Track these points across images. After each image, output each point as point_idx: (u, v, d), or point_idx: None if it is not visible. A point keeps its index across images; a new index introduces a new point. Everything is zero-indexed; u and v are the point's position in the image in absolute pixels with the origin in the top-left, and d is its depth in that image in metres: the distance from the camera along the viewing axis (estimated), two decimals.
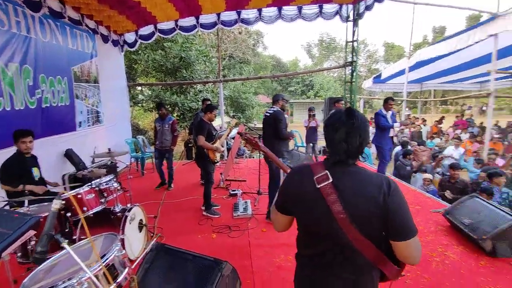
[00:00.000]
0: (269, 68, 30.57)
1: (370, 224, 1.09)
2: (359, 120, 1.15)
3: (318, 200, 1.12)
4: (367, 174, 1.15)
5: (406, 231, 1.07)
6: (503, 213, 2.99)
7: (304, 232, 1.27)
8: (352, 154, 1.15)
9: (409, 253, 1.09)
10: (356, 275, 1.17)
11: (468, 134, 10.52)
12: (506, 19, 5.94)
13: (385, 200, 1.06)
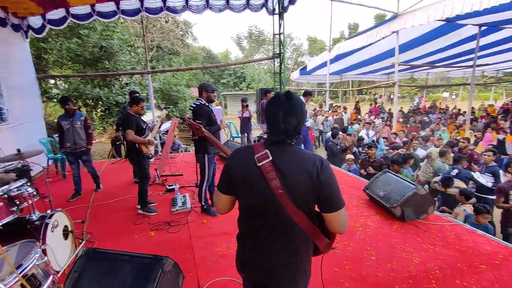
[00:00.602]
0: (200, 60, 29.91)
1: (305, 198, 1.19)
2: (296, 102, 1.25)
3: (258, 177, 1.20)
4: (302, 153, 1.25)
5: (336, 203, 1.19)
6: (407, 183, 3.56)
7: (246, 210, 1.34)
8: (290, 134, 1.24)
9: (338, 223, 1.21)
10: (294, 249, 1.27)
11: (380, 119, 12.06)
12: (404, 18, 6.91)
13: (318, 176, 1.17)
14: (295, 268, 1.28)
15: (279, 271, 1.28)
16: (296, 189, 1.18)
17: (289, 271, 1.28)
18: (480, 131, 9.16)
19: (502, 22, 7.62)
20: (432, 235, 3.11)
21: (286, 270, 1.28)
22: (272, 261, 1.28)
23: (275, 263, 1.28)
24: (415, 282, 2.39)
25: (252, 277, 1.38)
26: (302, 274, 1.31)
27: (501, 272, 2.49)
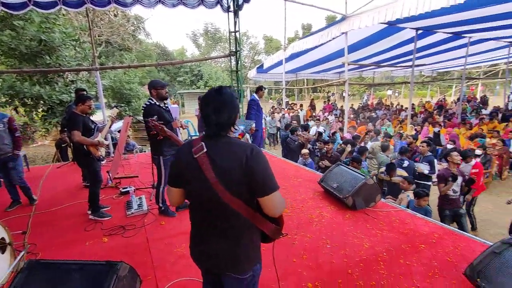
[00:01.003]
0: (154, 57, 28.71)
1: (239, 186, 1.26)
2: (226, 97, 1.33)
3: (196, 169, 1.28)
4: (237, 143, 1.33)
5: (268, 187, 1.26)
6: (357, 174, 3.82)
7: (191, 202, 1.42)
8: (222, 127, 1.32)
9: (272, 206, 1.28)
10: (236, 236, 1.34)
11: (333, 116, 12.70)
12: (352, 20, 7.35)
13: (248, 162, 1.24)
14: (238, 255, 1.35)
15: (221, 258, 1.35)
16: (229, 178, 1.25)
17: (232, 258, 1.35)
18: (419, 125, 10.13)
19: (435, 27, 8.49)
20: (380, 221, 3.38)
21: (228, 256, 1.35)
22: (214, 248, 1.35)
23: (217, 249, 1.35)
24: (365, 265, 2.58)
25: (202, 265, 1.47)
26: (246, 261, 1.37)
27: (437, 249, 2.80)
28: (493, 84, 27.63)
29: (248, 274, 1.38)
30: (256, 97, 5.62)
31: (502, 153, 7.10)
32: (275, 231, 1.37)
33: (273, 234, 1.38)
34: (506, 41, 11.30)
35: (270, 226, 1.35)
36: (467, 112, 13.44)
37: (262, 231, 1.38)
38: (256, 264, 1.43)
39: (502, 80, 17.36)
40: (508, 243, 2.19)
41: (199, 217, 1.41)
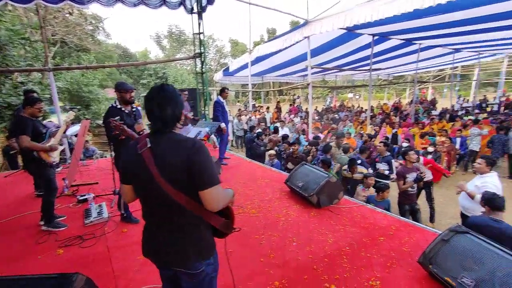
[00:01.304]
0: (115, 59, 27.43)
1: (182, 179, 1.29)
2: (168, 93, 1.37)
3: (141, 164, 1.30)
4: (180, 139, 1.35)
5: (207, 181, 1.28)
6: (321, 173, 3.95)
7: (139, 198, 1.44)
8: (167, 122, 1.35)
9: (211, 199, 1.30)
10: (182, 230, 1.36)
11: (298, 118, 13.02)
12: (313, 24, 7.61)
13: (190, 156, 1.28)
14: (186, 249, 1.36)
15: (170, 253, 1.37)
16: (172, 172, 1.28)
17: (180, 253, 1.36)
18: (378, 125, 10.73)
19: (389, 33, 9.07)
20: (343, 217, 3.52)
21: (177, 251, 1.36)
22: (162, 243, 1.37)
23: (165, 244, 1.37)
24: (330, 260, 2.67)
25: (154, 262, 1.47)
26: (195, 256, 1.37)
27: (394, 241, 2.98)
28: (441, 88, 30.13)
29: (199, 269, 1.39)
30: (220, 98, 5.59)
31: (450, 150, 7.75)
32: (225, 225, 1.41)
33: (223, 228, 1.41)
34: (450, 48, 12.39)
35: (218, 220, 1.39)
36: (420, 113, 14.49)
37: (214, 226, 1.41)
38: (208, 259, 1.43)
39: (449, 84, 19.01)
40: (454, 231, 2.40)
41: (148, 213, 1.42)
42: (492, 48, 12.92)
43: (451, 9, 6.33)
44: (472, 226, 2.85)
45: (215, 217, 1.38)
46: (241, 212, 3.68)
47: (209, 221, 1.38)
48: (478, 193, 3.37)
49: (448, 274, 2.18)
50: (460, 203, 3.93)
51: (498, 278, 1.95)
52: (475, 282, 2.02)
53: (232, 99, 37.78)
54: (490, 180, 3.55)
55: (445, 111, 14.01)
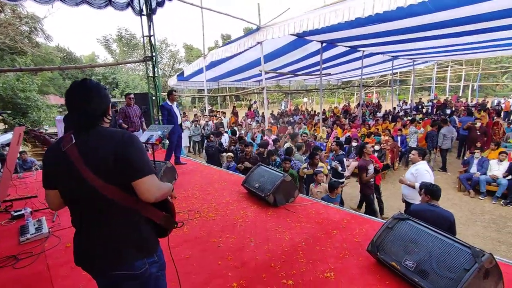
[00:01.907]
0: (57, 63, 25.24)
1: (114, 172, 1.23)
2: (94, 87, 1.33)
3: (66, 162, 1.23)
4: (108, 131, 1.31)
5: (140, 170, 1.25)
6: (276, 173, 4.02)
7: (66, 201, 1.33)
8: (94, 117, 1.31)
9: (144, 189, 1.25)
10: (118, 226, 1.29)
11: (255, 122, 13.18)
12: (265, 30, 7.80)
13: (121, 148, 1.24)
14: (125, 247, 1.29)
15: (107, 254, 1.28)
16: (103, 166, 1.22)
17: (119, 252, 1.28)
18: (329, 127, 11.31)
19: (336, 40, 9.66)
20: (298, 214, 3.61)
21: (114, 251, 1.28)
22: (97, 244, 1.28)
23: (100, 245, 1.28)
24: (287, 256, 2.71)
25: (89, 270, 1.37)
26: (136, 252, 1.30)
27: (346, 233, 3.13)
28: (384, 92, 32.87)
29: (142, 268, 1.31)
30: (168, 102, 5.41)
31: (393, 147, 8.45)
32: (165, 220, 1.35)
33: (164, 222, 1.35)
34: (389, 55, 13.59)
35: (158, 213, 1.33)
36: (366, 115, 15.60)
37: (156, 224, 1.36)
38: (151, 257, 1.36)
39: (390, 88, 20.77)
40: (398, 218, 2.59)
41: (78, 216, 1.33)
42: (423, 56, 14.46)
43: (389, 19, 6.96)
44: (414, 212, 3.17)
45: (154, 211, 1.32)
46: (198, 217, 3.59)
47: (148, 216, 1.32)
48: (414, 180, 4.13)
49: (394, 259, 2.35)
50: (402, 192, 4.57)
51: (435, 257, 2.15)
52: (416, 264, 2.20)
53: (188, 105, 37.04)
54: (421, 167, 4.20)
55: (388, 113, 15.27)
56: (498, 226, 5.21)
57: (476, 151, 7.06)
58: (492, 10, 6.31)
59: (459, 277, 1.96)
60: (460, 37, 9.05)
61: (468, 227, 5.18)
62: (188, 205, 3.95)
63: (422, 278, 2.12)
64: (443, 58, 17.45)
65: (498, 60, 31.08)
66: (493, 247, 4.56)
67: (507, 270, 2.42)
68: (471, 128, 8.53)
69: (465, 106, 15.41)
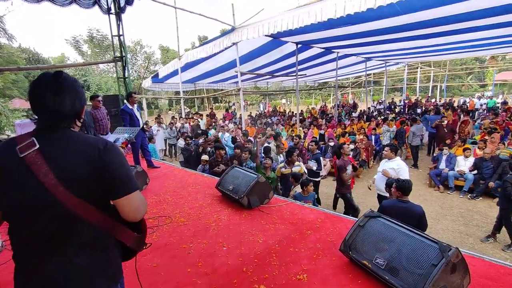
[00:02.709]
0: (22, 64, 23.87)
1: (89, 187, 1.05)
2: (66, 82, 1.10)
3: (22, 172, 0.99)
4: (83, 137, 1.11)
5: (125, 186, 1.09)
6: (250, 174, 3.94)
7: (11, 218, 1.06)
8: (64, 117, 1.08)
9: (131, 208, 1.09)
10: (84, 252, 1.08)
11: (233, 124, 13.07)
12: (240, 31, 7.74)
13: (99, 158, 1.05)
14: (92, 275, 1.09)
15: (68, 285, 1.05)
16: (74, 178, 1.02)
17: (84, 280, 1.07)
18: (306, 127, 11.41)
19: (310, 42, 9.77)
20: (273, 216, 3.55)
21: (77, 281, 1.06)
22: (56, 274, 1.04)
23: (61, 275, 1.04)
24: (259, 260, 2.63)
25: None
26: (103, 281, 1.12)
27: (320, 233, 3.10)
28: (359, 93, 33.80)
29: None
30: (128, 105, 5.15)
31: (367, 146, 8.63)
32: (138, 241, 1.18)
33: (136, 244, 1.18)
34: (362, 57, 13.96)
35: (131, 235, 1.15)
36: (342, 115, 15.93)
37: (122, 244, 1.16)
38: (116, 284, 1.19)
39: (364, 89, 21.38)
40: (369, 216, 2.59)
41: (27, 238, 1.05)
42: (394, 57, 14.99)
43: (360, 20, 7.11)
44: (385, 208, 3.21)
45: (127, 232, 1.13)
46: (169, 223, 3.44)
47: (120, 238, 1.13)
48: (395, 174, 4.30)
49: (365, 258, 2.34)
50: (377, 187, 4.67)
51: (404, 254, 2.15)
52: (387, 261, 2.19)
53: (165, 107, 36.24)
54: (401, 163, 4.45)
55: (363, 113, 15.67)
56: (465, 219, 5.42)
57: (445, 148, 7.35)
58: (457, 12, 6.60)
59: (427, 272, 1.97)
60: (428, 39, 9.43)
61: (438, 222, 5.35)
62: (159, 211, 3.78)
63: (393, 275, 2.11)
64: (413, 60, 18.18)
65: (463, 62, 32.90)
66: (461, 240, 4.73)
67: (474, 262, 2.47)
68: (439, 126, 8.90)
69: (434, 105, 16.13)
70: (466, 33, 8.57)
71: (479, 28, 7.98)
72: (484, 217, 5.43)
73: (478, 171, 6.44)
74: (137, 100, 5.32)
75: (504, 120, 10.34)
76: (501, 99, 20.48)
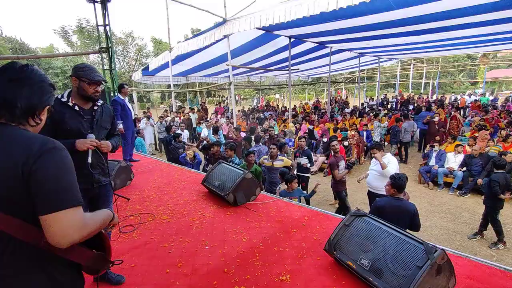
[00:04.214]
0: (6, 54, 23.19)
1: (16, 198, 0.89)
2: (33, 74, 0.98)
3: None
4: (27, 135, 0.94)
5: (52, 201, 0.88)
6: (237, 170, 3.84)
7: None
8: (12, 110, 0.94)
9: (55, 231, 0.87)
10: (22, 277, 0.92)
11: (225, 118, 12.92)
12: (231, 23, 7.56)
13: (28, 162, 0.88)
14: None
15: None
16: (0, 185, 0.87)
17: None
18: (299, 123, 11.33)
19: (303, 36, 9.63)
20: (259, 213, 3.47)
21: None
22: None
23: None
24: (242, 259, 2.55)
25: None
26: None
27: (306, 231, 3.03)
28: (353, 88, 33.85)
29: None
30: (120, 96, 5.04)
31: (359, 142, 8.60)
32: (97, 260, 1.03)
33: (94, 264, 1.03)
34: (356, 52, 13.87)
35: (86, 254, 0.99)
36: (335, 111, 15.89)
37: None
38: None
39: (357, 85, 21.39)
40: (355, 215, 2.52)
41: None
42: (388, 53, 14.95)
43: (353, 15, 7.00)
44: (380, 206, 3.15)
45: (78, 250, 0.97)
46: (151, 220, 3.32)
47: (70, 258, 0.96)
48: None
49: (350, 258, 2.27)
50: (369, 184, 4.52)
51: (390, 255, 2.08)
52: (372, 262, 2.13)
53: (158, 101, 35.73)
54: (388, 157, 4.38)
55: (356, 109, 15.65)
56: (454, 216, 5.43)
57: (435, 144, 7.35)
58: (450, 8, 6.54)
59: (412, 274, 1.91)
60: (420, 35, 9.38)
61: (427, 218, 5.34)
62: (142, 207, 3.66)
63: (377, 277, 2.05)
64: (406, 56, 18.19)
65: (455, 59, 33.12)
66: (449, 237, 4.73)
67: (460, 262, 2.43)
68: (430, 122, 8.90)
69: (426, 102, 16.19)
70: (458, 30, 8.54)
71: (471, 25, 7.95)
72: (472, 214, 5.44)
73: (467, 168, 6.45)
74: (129, 92, 5.18)
75: (494, 118, 10.41)
76: (489, 95, 20.73)
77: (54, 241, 0.88)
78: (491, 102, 16.40)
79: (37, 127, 1.04)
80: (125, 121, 4.91)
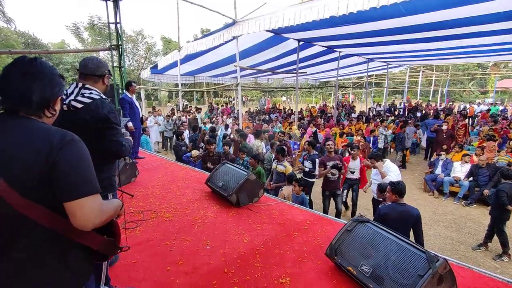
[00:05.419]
0: (19, 48, 23.61)
1: (40, 185, 0.93)
2: (44, 67, 1.02)
3: None
4: (45, 127, 0.99)
5: (75, 188, 0.95)
6: (241, 171, 3.85)
7: None
8: (28, 104, 0.98)
9: (81, 214, 0.95)
10: (42, 261, 0.97)
11: (231, 118, 12.96)
12: (241, 25, 7.60)
13: (52, 152, 0.93)
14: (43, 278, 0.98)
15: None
16: (23, 175, 0.91)
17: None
18: (303, 127, 11.31)
19: (312, 39, 9.63)
20: (261, 215, 3.47)
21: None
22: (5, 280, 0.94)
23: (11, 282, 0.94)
24: (243, 261, 2.55)
25: None
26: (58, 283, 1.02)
27: (308, 235, 3.02)
28: (360, 93, 33.66)
29: None
30: (128, 94, 5.10)
31: (364, 148, 8.54)
32: (107, 245, 1.08)
33: (105, 249, 1.08)
34: (365, 58, 13.81)
35: (98, 239, 1.05)
36: (342, 116, 15.82)
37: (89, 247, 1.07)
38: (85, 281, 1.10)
39: (365, 90, 21.32)
40: (357, 221, 2.51)
41: None
42: (397, 60, 14.85)
43: (363, 20, 6.98)
44: (387, 213, 3.14)
45: (91, 235, 1.04)
46: (154, 217, 3.35)
47: (83, 242, 1.03)
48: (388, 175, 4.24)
49: (351, 264, 2.26)
50: (374, 191, 4.63)
51: (391, 262, 2.07)
52: (373, 269, 2.12)
53: (165, 99, 36.02)
54: (388, 164, 4.46)
55: (362, 114, 15.57)
56: (458, 226, 5.36)
57: (442, 152, 7.27)
58: (461, 16, 6.48)
59: (413, 283, 1.89)
60: (431, 43, 9.30)
61: (431, 227, 5.28)
62: (145, 205, 3.69)
63: (377, 284, 2.04)
64: (415, 63, 18.03)
65: (465, 68, 32.76)
66: (452, 247, 4.67)
67: (462, 272, 2.40)
68: (438, 130, 8.81)
69: (435, 109, 16.03)
70: (469, 38, 8.45)
71: (482, 34, 7.86)
72: (477, 225, 5.36)
73: (473, 178, 6.37)
74: (137, 90, 5.25)
75: (503, 128, 10.26)
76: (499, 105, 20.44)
77: (80, 224, 0.96)
78: (501, 112, 16.16)
79: (53, 118, 1.09)
80: (132, 119, 4.96)
